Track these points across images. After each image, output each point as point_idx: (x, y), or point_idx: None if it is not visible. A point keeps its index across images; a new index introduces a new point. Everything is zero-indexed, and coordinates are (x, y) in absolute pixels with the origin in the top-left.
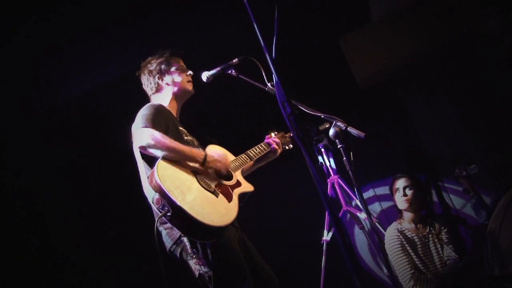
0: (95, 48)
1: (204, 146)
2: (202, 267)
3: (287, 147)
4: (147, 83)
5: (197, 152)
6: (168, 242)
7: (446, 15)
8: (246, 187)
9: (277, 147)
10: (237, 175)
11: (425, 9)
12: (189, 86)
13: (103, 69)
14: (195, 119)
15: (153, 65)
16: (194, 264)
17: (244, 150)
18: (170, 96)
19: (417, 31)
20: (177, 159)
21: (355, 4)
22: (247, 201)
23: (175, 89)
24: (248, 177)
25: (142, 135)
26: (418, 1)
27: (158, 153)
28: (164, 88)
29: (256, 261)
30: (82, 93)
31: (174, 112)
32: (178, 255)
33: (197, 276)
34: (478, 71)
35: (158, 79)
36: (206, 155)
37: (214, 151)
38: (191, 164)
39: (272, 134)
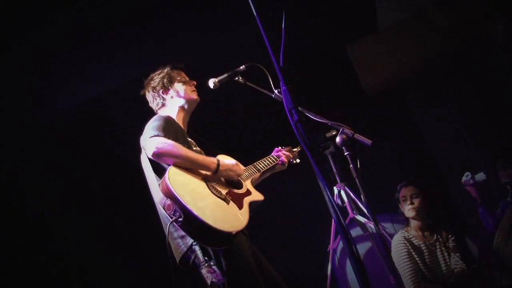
0: (99, 55)
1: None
2: (214, 275)
3: (294, 162)
4: (153, 99)
5: (210, 160)
6: (179, 251)
7: (452, 23)
8: (256, 196)
9: (286, 160)
10: (247, 184)
11: (432, 17)
12: (194, 95)
13: (108, 76)
14: (201, 129)
15: (156, 81)
16: (206, 273)
17: (251, 159)
18: (177, 108)
19: (423, 39)
20: (189, 167)
21: (363, 12)
22: (257, 210)
23: (181, 100)
24: (256, 186)
25: (155, 143)
26: (424, 9)
27: (171, 160)
28: (170, 102)
29: (265, 267)
30: (88, 99)
31: (182, 123)
32: (190, 263)
33: (209, 284)
34: (485, 78)
35: (163, 93)
36: (218, 164)
37: (228, 160)
38: (203, 171)
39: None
